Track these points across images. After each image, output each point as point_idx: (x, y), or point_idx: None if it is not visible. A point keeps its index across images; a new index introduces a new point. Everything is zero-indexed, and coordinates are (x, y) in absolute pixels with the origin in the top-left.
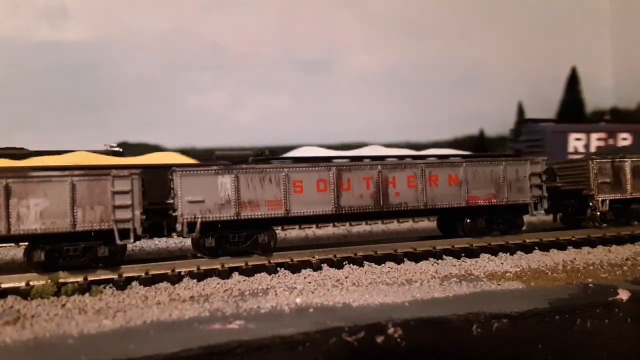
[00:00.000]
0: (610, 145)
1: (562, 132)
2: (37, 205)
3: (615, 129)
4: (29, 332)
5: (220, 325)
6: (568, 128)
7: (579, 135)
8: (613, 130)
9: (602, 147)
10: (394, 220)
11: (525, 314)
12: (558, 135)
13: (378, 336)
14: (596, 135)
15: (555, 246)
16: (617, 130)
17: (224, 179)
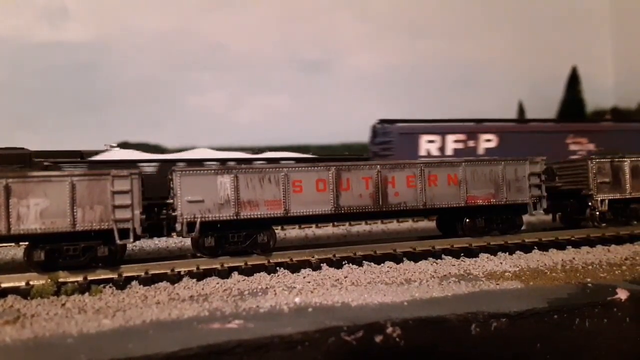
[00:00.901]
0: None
1: (412, 134)
2: (37, 205)
3: (477, 130)
4: (29, 331)
5: (219, 325)
6: (419, 129)
7: (432, 137)
8: (474, 131)
9: (459, 150)
10: (393, 220)
11: (524, 313)
12: (407, 137)
13: (377, 336)
14: (453, 137)
15: (554, 246)
16: (479, 130)
17: (223, 178)
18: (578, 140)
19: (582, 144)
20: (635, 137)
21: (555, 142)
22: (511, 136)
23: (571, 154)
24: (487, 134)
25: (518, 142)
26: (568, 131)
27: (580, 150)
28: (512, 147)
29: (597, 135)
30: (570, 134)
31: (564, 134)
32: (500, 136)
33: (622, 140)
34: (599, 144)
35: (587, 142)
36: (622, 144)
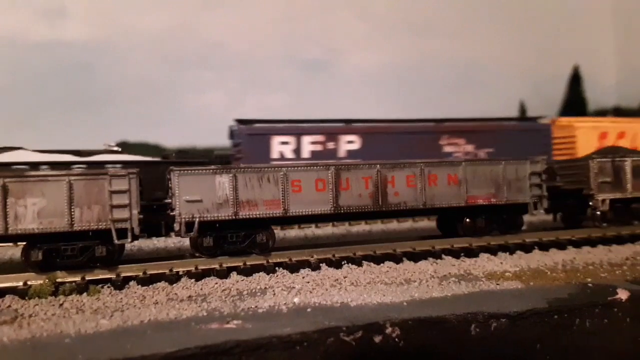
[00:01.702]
0: None
1: (262, 135)
2: (34, 204)
3: (337, 131)
4: (27, 331)
5: (217, 325)
6: (271, 130)
7: (286, 138)
8: (334, 131)
9: (317, 152)
10: (393, 219)
11: (524, 313)
12: (257, 138)
13: (376, 336)
14: (310, 138)
15: (555, 246)
16: (340, 131)
17: (222, 178)
18: (454, 141)
19: (459, 145)
20: (521, 137)
21: (428, 143)
22: (376, 137)
23: (446, 155)
24: (349, 135)
25: (384, 143)
26: (442, 132)
27: (456, 152)
28: (378, 149)
29: (476, 136)
30: (445, 134)
31: (437, 135)
32: (363, 137)
33: (506, 141)
34: (479, 145)
35: (465, 143)
36: (505, 144)
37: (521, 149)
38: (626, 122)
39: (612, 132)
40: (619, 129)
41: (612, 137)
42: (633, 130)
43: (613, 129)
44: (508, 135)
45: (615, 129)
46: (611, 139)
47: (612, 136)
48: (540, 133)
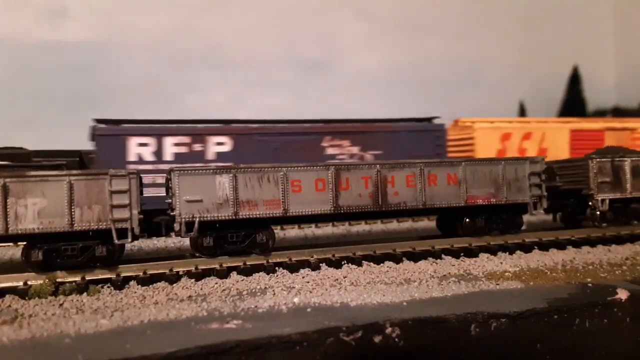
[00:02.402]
0: None
1: (117, 136)
2: (34, 204)
3: (205, 132)
4: (27, 331)
5: (217, 325)
6: (127, 130)
7: (145, 139)
8: (201, 132)
9: (182, 154)
10: (393, 219)
11: (524, 313)
12: (111, 139)
13: (376, 336)
14: (173, 139)
15: (554, 246)
16: (209, 132)
17: (222, 178)
18: (337, 143)
19: (343, 147)
20: (412, 138)
21: (308, 145)
22: (250, 138)
23: (329, 158)
24: (218, 136)
25: (259, 145)
26: (324, 133)
27: (340, 154)
28: (252, 151)
29: (363, 137)
30: (328, 135)
31: (319, 136)
32: (235, 139)
33: (396, 142)
34: (366, 147)
35: (350, 144)
36: (395, 146)
37: (412, 151)
38: (533, 123)
39: (517, 133)
40: (524, 130)
41: (516, 138)
42: (540, 131)
43: (518, 130)
44: (398, 136)
45: (521, 130)
46: (515, 141)
47: (517, 137)
48: (432, 134)
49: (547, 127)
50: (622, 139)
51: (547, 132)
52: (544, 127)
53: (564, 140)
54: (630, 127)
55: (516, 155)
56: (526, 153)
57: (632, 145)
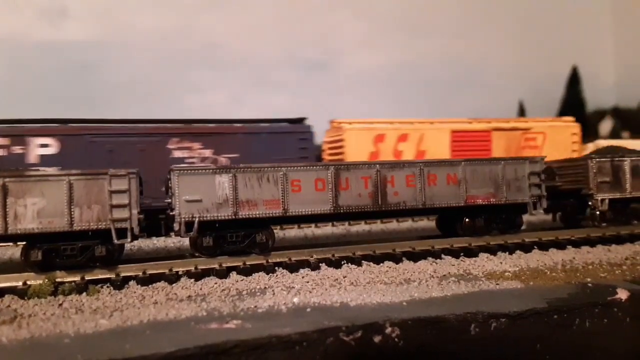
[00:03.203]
0: None
1: None
2: (34, 204)
3: (28, 132)
4: (26, 331)
5: (217, 325)
6: None
7: None
8: (23, 133)
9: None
10: (392, 219)
11: (524, 313)
12: None
13: (375, 336)
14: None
15: (554, 245)
16: (31, 133)
17: (221, 178)
18: (186, 145)
19: (192, 150)
20: (274, 140)
21: (153, 147)
22: (80, 140)
23: (176, 161)
24: (42, 137)
25: (91, 147)
26: (171, 134)
27: (189, 157)
28: (83, 154)
29: (216, 139)
30: (175, 137)
31: (164, 138)
32: (62, 140)
33: (255, 144)
34: (219, 150)
35: (201, 147)
36: (254, 148)
37: (274, 153)
38: (410, 123)
39: (392, 135)
40: (400, 131)
41: (391, 140)
42: (418, 133)
43: (393, 131)
44: (257, 138)
45: (396, 131)
46: (390, 143)
47: (392, 139)
48: (296, 136)
49: (425, 128)
50: (512, 139)
51: (425, 134)
52: (422, 128)
53: (445, 141)
54: (522, 127)
55: (391, 158)
56: (402, 156)
57: (525, 146)
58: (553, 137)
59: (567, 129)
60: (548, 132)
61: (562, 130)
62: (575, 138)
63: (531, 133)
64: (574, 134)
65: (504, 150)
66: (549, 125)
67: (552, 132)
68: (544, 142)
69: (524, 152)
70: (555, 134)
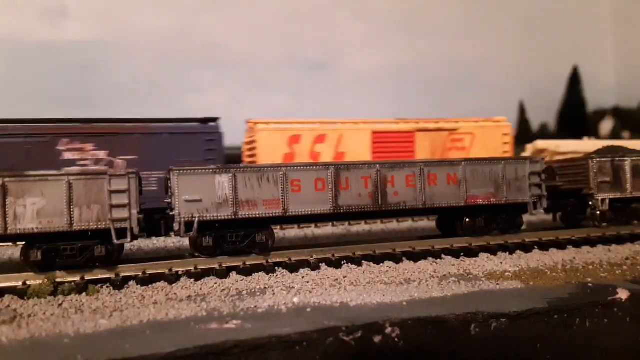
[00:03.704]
0: None
1: None
2: (34, 204)
3: None
4: (26, 331)
5: (217, 325)
6: None
7: None
8: None
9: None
10: (393, 219)
11: (524, 313)
12: None
13: (376, 336)
14: None
15: (554, 245)
16: None
17: (221, 178)
18: (78, 147)
19: (85, 151)
20: (178, 141)
21: (37, 148)
22: None
23: (67, 164)
24: None
25: None
26: (60, 134)
27: (81, 159)
28: None
29: (111, 140)
30: (65, 137)
31: (52, 138)
32: None
33: (156, 145)
34: (115, 151)
35: (94, 148)
36: (155, 149)
37: (177, 155)
38: (328, 124)
39: (308, 136)
40: (317, 132)
41: (307, 141)
42: (337, 133)
43: (309, 132)
44: (158, 139)
45: (312, 132)
46: (306, 144)
47: (308, 140)
48: (202, 137)
49: (344, 128)
50: (438, 141)
51: (345, 134)
52: (341, 129)
53: (365, 143)
54: (448, 128)
55: (307, 160)
56: (320, 157)
57: (451, 147)
58: (482, 138)
59: (498, 130)
60: (477, 132)
61: (492, 130)
62: (507, 139)
63: (458, 134)
64: (505, 134)
65: (429, 152)
66: (478, 126)
67: (481, 133)
68: (472, 143)
69: (451, 154)
70: (484, 134)
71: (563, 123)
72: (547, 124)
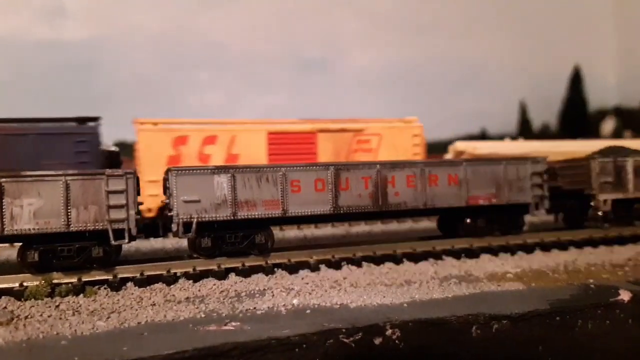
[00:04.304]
0: None
1: None
2: (30, 205)
3: None
4: (22, 333)
5: (215, 327)
6: None
7: None
8: None
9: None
10: (393, 220)
11: (526, 315)
12: None
13: (376, 338)
14: None
15: (556, 246)
16: None
17: (220, 178)
18: None
19: None
20: (46, 143)
21: None
22: None
23: None
24: None
25: None
26: None
27: None
28: None
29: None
30: None
31: None
32: None
33: (19, 147)
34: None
35: None
36: (16, 152)
37: (45, 158)
38: (218, 124)
39: (196, 137)
40: (207, 133)
41: (195, 142)
42: (229, 134)
43: (197, 133)
44: (21, 140)
45: (201, 132)
46: (194, 146)
47: (196, 142)
48: (71, 138)
49: (238, 129)
50: (342, 142)
51: (238, 135)
52: (233, 129)
53: (261, 144)
54: (353, 129)
55: (195, 162)
56: (210, 160)
57: (357, 149)
58: (390, 139)
59: (408, 130)
60: (384, 133)
61: (402, 131)
62: (417, 140)
63: (365, 135)
64: (415, 135)
65: (333, 154)
66: (386, 126)
67: (389, 134)
68: (379, 145)
69: (357, 156)
70: (392, 135)
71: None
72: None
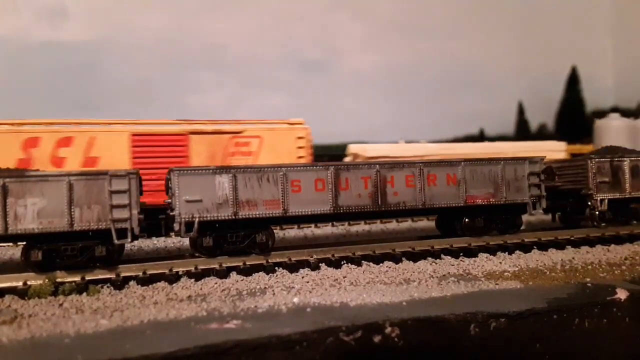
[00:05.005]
0: None
1: None
2: (34, 204)
3: None
4: (26, 331)
5: (217, 325)
6: None
7: None
8: None
9: None
10: (392, 219)
11: (523, 313)
12: None
13: (375, 336)
14: None
15: (553, 245)
16: None
17: (221, 178)
18: None
19: None
20: None
21: None
22: None
23: None
24: None
25: None
26: None
27: None
28: None
29: None
30: None
31: None
32: None
33: None
34: None
35: None
36: None
37: None
38: (75, 125)
39: (49, 139)
40: (61, 135)
41: (48, 145)
42: (86, 136)
43: (50, 135)
44: None
45: (55, 134)
46: (47, 148)
47: (49, 144)
48: None
49: (96, 130)
50: (218, 145)
51: (97, 137)
52: (92, 131)
53: (123, 147)
54: (230, 131)
55: (48, 166)
56: (65, 163)
57: (235, 152)
58: (272, 142)
59: (291, 133)
60: (265, 135)
61: (284, 133)
62: (302, 142)
63: (243, 137)
64: (299, 137)
65: (207, 158)
66: (267, 128)
67: (270, 136)
68: (260, 147)
69: (234, 159)
70: (274, 138)
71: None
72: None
